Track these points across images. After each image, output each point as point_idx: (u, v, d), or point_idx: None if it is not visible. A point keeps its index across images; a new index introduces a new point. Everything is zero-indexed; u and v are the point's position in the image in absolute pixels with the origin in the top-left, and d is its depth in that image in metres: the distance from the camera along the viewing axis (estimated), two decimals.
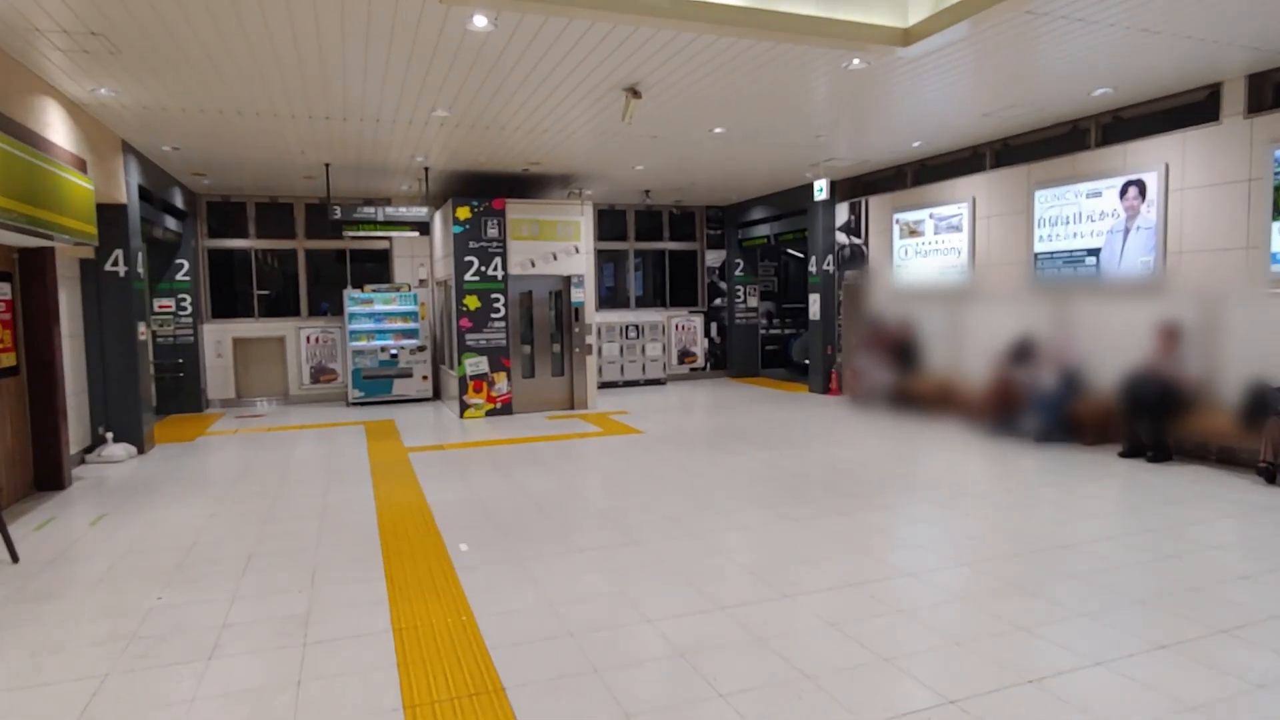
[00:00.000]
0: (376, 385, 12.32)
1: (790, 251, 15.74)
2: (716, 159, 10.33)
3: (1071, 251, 8.40)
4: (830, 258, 12.40)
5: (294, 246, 12.77)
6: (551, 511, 5.86)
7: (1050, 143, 8.88)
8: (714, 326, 15.41)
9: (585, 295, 11.27)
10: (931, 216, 10.32)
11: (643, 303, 15.08)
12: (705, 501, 6.12)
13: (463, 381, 10.70)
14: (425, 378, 12.59)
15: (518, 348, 11.12)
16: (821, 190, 9.00)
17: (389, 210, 10.24)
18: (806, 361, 13.53)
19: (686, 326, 15.19)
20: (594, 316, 11.40)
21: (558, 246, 11.02)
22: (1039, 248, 8.78)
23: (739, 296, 15.28)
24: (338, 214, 10.01)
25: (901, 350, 10.73)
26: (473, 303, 10.66)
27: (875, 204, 11.44)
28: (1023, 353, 8.79)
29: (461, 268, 10.59)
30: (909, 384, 10.52)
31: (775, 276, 15.73)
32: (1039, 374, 8.47)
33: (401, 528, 5.52)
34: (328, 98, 6.99)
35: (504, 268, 10.75)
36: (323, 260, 13.20)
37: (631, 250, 14.79)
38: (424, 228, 10.41)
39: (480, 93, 6.93)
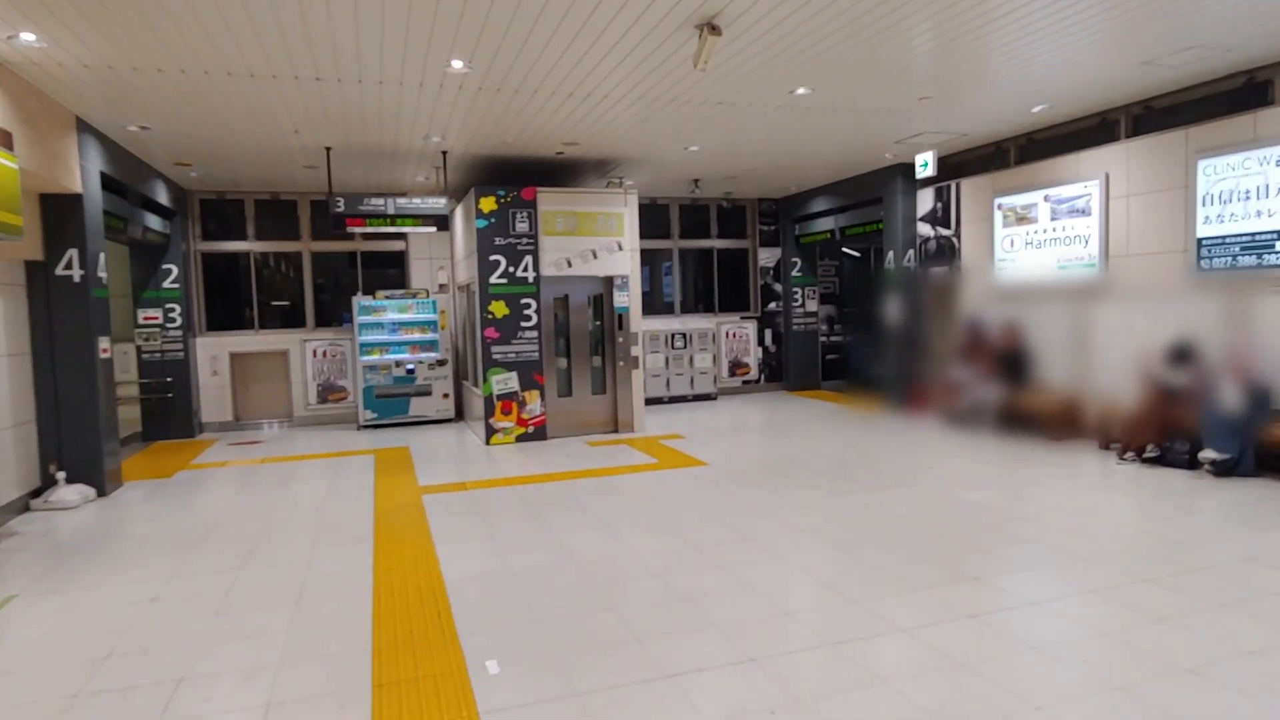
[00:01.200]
0: (391, 405, 10.80)
1: (848, 251, 14.02)
2: (783, 137, 8.69)
3: (1255, 235, 6.63)
4: (911, 253, 10.68)
5: (298, 249, 11.33)
6: (615, 597, 4.22)
7: (1214, 101, 7.12)
8: (768, 334, 13.74)
9: (630, 299, 9.67)
10: (1047, 199, 8.58)
11: (688, 308, 13.45)
12: (824, 578, 4.45)
13: (489, 402, 9.13)
14: (446, 396, 11.06)
15: (552, 361, 9.54)
16: (926, 166, 7.35)
17: (400, 202, 8.73)
18: (876, 374, 11.81)
19: (738, 334, 13.53)
20: (640, 324, 9.80)
21: (598, 243, 9.43)
22: (1204, 231, 7.01)
23: (796, 300, 13.60)
24: (340, 206, 8.52)
25: (1008, 360, 8.98)
26: (499, 309, 9.10)
27: (970, 188, 9.72)
28: (1179, 362, 7.02)
29: (486, 269, 9.04)
30: (1019, 400, 8.77)
31: (836, 277, 14.03)
32: (1213, 390, 6.70)
33: (405, 626, 3.92)
34: (313, 46, 5.46)
35: (535, 268, 9.19)
36: (332, 265, 11.74)
37: (676, 249, 13.18)
38: (442, 222, 8.89)
39: (508, 34, 5.35)
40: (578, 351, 9.67)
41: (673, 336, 12.43)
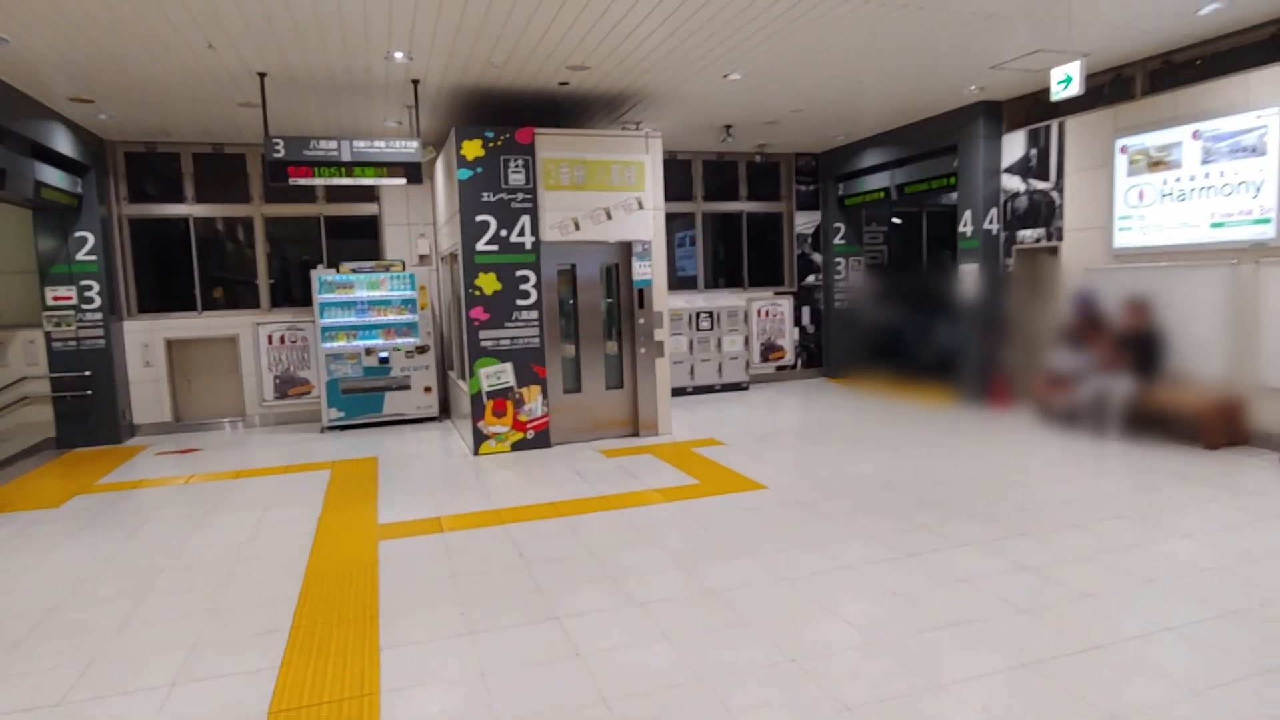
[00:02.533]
0: (360, 402, 8.92)
1: (899, 215, 12.02)
2: (849, 61, 6.70)
3: None
4: (994, 213, 8.72)
5: (249, 213, 9.38)
6: None
7: None
8: (806, 312, 11.80)
9: (653, 270, 7.74)
10: (1197, 136, 6.61)
11: (714, 282, 11.50)
12: None
13: (477, 402, 7.24)
14: (429, 390, 9.17)
15: (556, 349, 7.63)
16: (1068, 82, 5.36)
17: (359, 146, 6.77)
18: (939, 359, 9.94)
19: (772, 313, 11.60)
20: (666, 302, 7.87)
21: (613, 199, 7.48)
22: None
23: (838, 272, 11.65)
24: (280, 151, 6.56)
25: (1135, 345, 7.08)
26: (489, 284, 7.18)
27: (1080, 129, 7.74)
28: None
29: (471, 232, 7.11)
30: (1153, 395, 6.88)
31: (885, 245, 12.07)
32: None
33: None
34: None
35: (534, 231, 7.26)
36: (291, 232, 9.79)
37: (699, 213, 11.21)
38: (414, 172, 6.94)
39: None
40: (588, 336, 7.76)
41: (697, 316, 10.51)
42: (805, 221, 11.68)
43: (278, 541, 4.95)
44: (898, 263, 12.29)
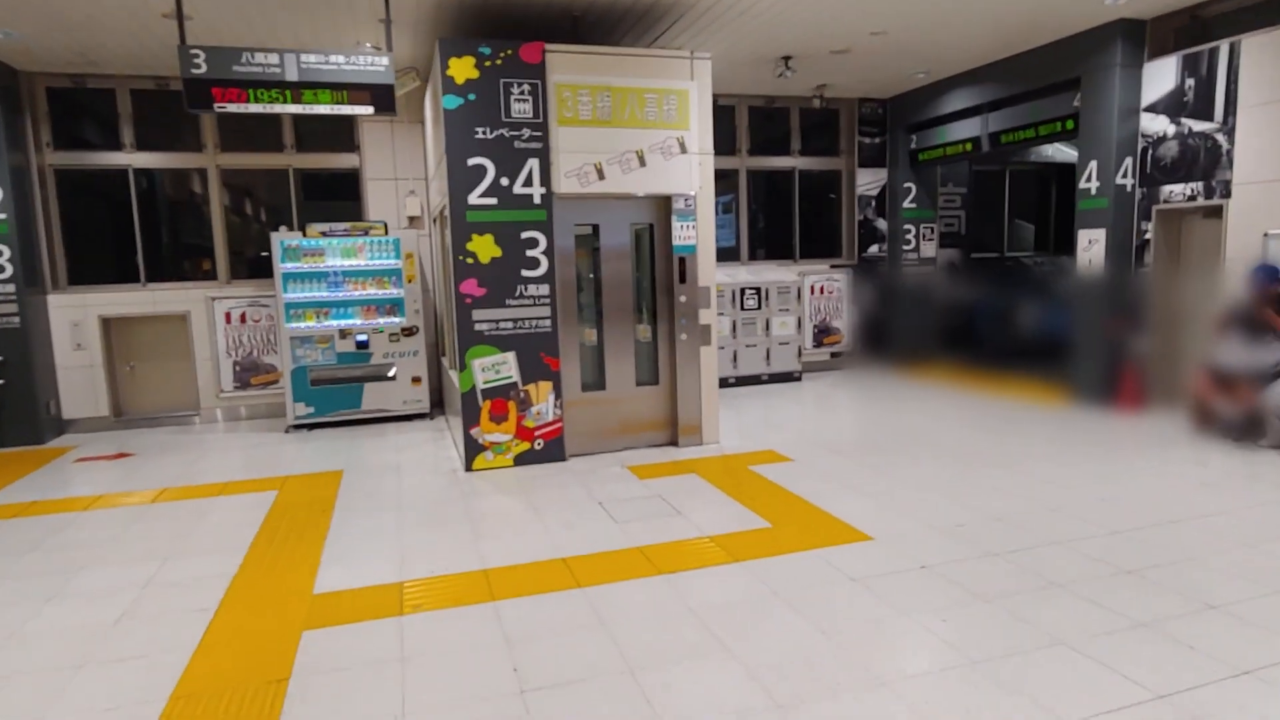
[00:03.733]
0: (334, 396, 7.30)
1: (950, 199, 10.16)
2: None
3: None
4: (1129, 163, 6.88)
5: (202, 164, 7.72)
6: None
7: None
8: (867, 288, 10.01)
9: (699, 234, 6.01)
10: None
11: (760, 253, 9.74)
12: None
13: (470, 401, 5.58)
14: (418, 380, 7.53)
15: (574, 334, 5.94)
16: None
17: (309, 61, 5.05)
18: (1036, 347, 8.19)
19: (828, 289, 9.83)
20: (714, 274, 6.14)
21: (647, 140, 5.74)
22: None
23: (907, 241, 9.83)
24: (200, 66, 4.86)
25: None
26: (485, 249, 5.49)
27: (1261, 50, 5.87)
28: None
29: (462, 180, 5.41)
30: None
31: (963, 210, 10.22)
32: None
33: None
34: None
35: (545, 180, 5.54)
36: (254, 188, 8.14)
37: (743, 170, 9.42)
38: (384, 98, 5.22)
39: None
40: (614, 319, 6.05)
41: (742, 293, 8.77)
42: (869, 181, 9.85)
43: (157, 624, 3.33)
44: (976, 230, 10.44)
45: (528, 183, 5.51)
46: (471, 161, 5.39)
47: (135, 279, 7.63)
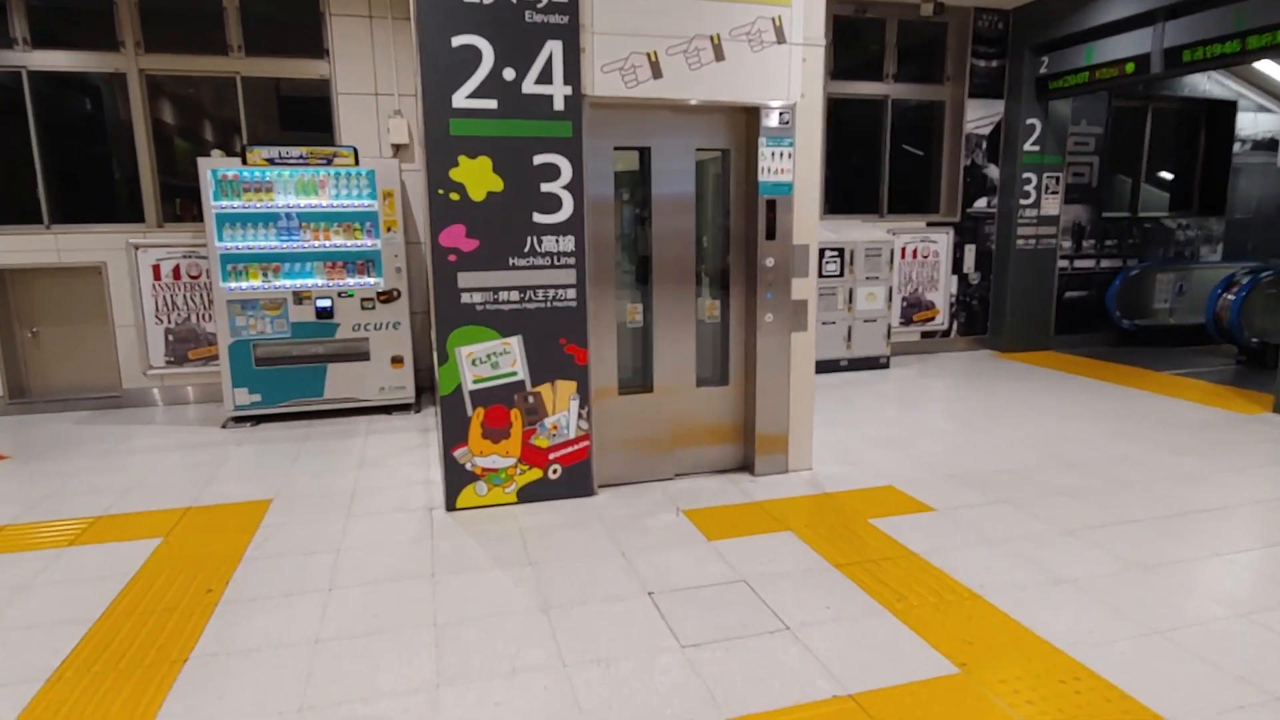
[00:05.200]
0: (287, 380, 5.52)
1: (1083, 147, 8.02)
2: None
3: None
4: None
5: (119, 68, 5.85)
6: None
7: None
8: (971, 253, 8.00)
9: (798, 167, 4.06)
10: None
11: (839, 205, 7.74)
12: None
13: (454, 409, 3.74)
14: (399, 362, 5.71)
15: (608, 312, 4.03)
16: None
17: None
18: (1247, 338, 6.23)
19: (922, 253, 7.84)
20: (816, 229, 4.19)
21: (728, 19, 3.77)
22: None
23: (1026, 194, 7.78)
24: None
25: None
26: (478, 179, 3.59)
27: None
28: None
29: (442, 69, 3.49)
30: None
31: (1096, 155, 8.10)
32: None
33: None
34: None
35: (570, 77, 3.62)
36: (190, 101, 6.28)
37: (823, 97, 7.36)
38: None
39: None
40: (669, 290, 4.11)
41: (821, 255, 6.80)
42: (980, 116, 7.76)
43: None
44: (1108, 182, 8.34)
45: (544, 78, 3.59)
46: (458, 40, 3.47)
47: (36, 219, 5.84)
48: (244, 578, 3.13)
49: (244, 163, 5.25)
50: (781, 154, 3.99)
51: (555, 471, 3.92)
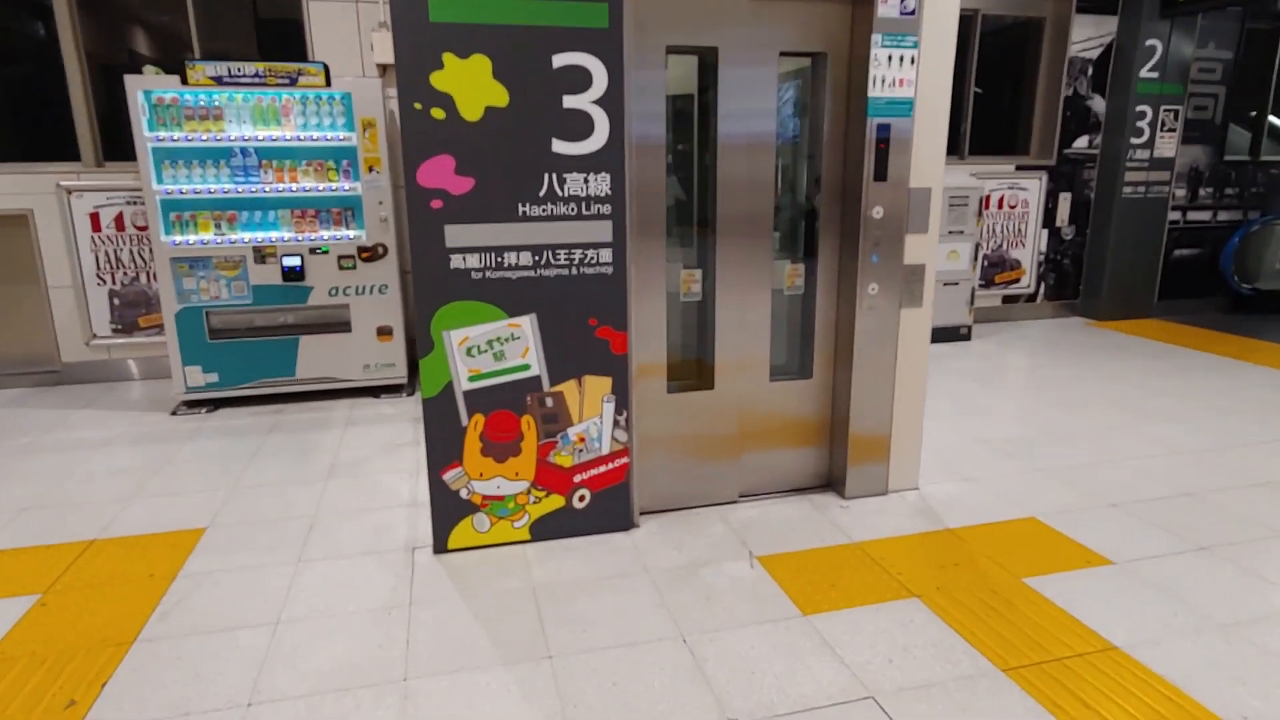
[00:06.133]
0: (250, 356, 4.49)
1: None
2: None
3: None
4: None
5: None
6: None
7: None
8: (1065, 202, 6.78)
9: (923, 79, 2.90)
10: None
11: None
12: None
13: (442, 414, 2.69)
14: (386, 334, 4.67)
15: (656, 279, 2.92)
16: None
17: None
18: None
19: (1009, 203, 6.63)
20: (942, 165, 3.05)
21: None
22: None
23: (1139, 131, 6.52)
24: None
25: None
26: (472, 90, 2.47)
27: None
28: None
29: None
30: None
31: (1222, 85, 6.78)
32: None
33: None
34: None
35: None
36: (136, 19, 5.13)
37: None
38: None
39: None
40: (736, 251, 2.98)
41: None
42: (1088, 37, 6.46)
43: None
44: (1232, 120, 7.02)
45: None
46: None
47: None
48: (127, 679, 2.13)
49: (184, 82, 4.13)
50: (902, 58, 2.83)
51: (582, 498, 2.88)
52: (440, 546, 2.80)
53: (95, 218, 4.90)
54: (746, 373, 3.10)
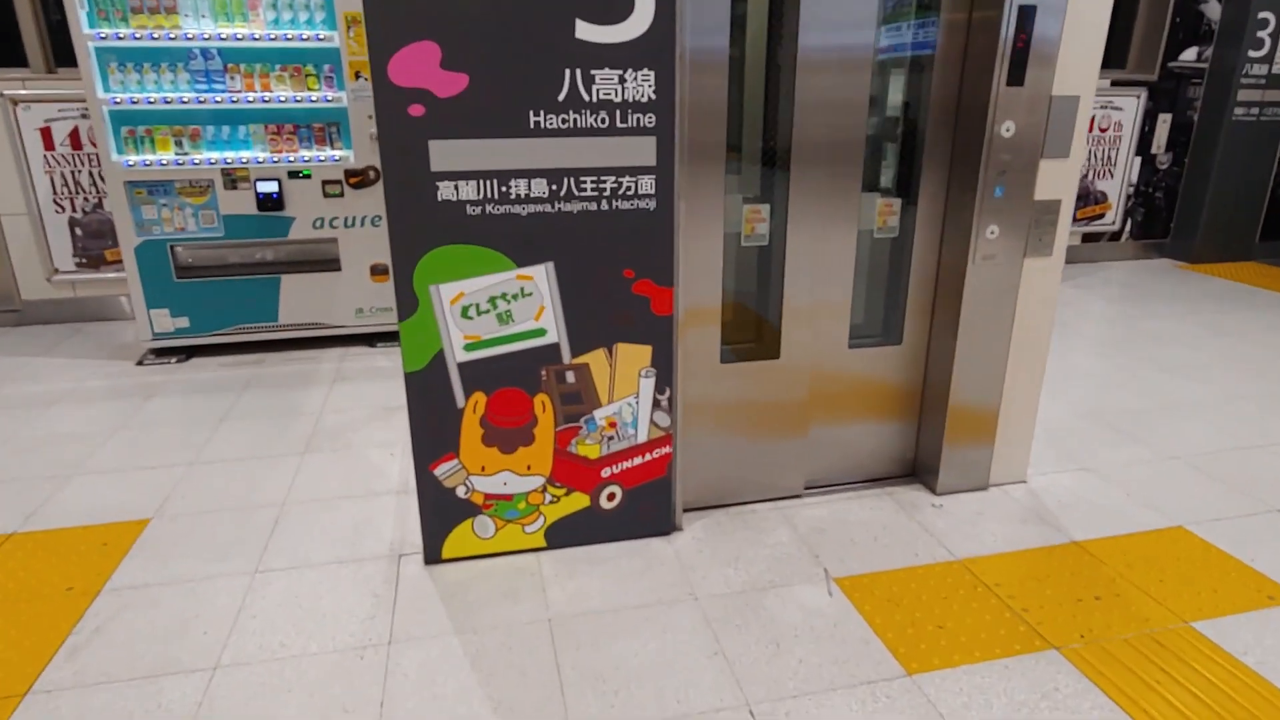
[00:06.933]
0: (224, 298, 3.88)
1: None
2: None
3: None
4: None
5: None
6: None
7: None
8: (1164, 127, 5.89)
9: None
10: None
11: None
12: None
13: (430, 392, 2.06)
14: (381, 274, 4.03)
15: (713, 217, 2.23)
16: None
17: None
18: None
19: (1102, 125, 5.76)
20: (1094, 75, 2.30)
21: None
22: None
23: (1258, 44, 5.57)
24: None
25: None
26: None
27: None
28: None
29: None
30: None
31: None
32: None
33: None
34: None
35: None
36: None
37: None
38: None
39: None
40: (813, 178, 2.28)
41: None
42: None
43: None
44: None
45: None
46: None
47: None
48: None
49: None
50: None
51: (611, 496, 2.27)
52: (433, 555, 2.21)
53: (47, 133, 4.24)
54: (821, 336, 2.44)
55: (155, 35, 3.47)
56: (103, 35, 3.44)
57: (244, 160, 3.69)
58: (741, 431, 2.45)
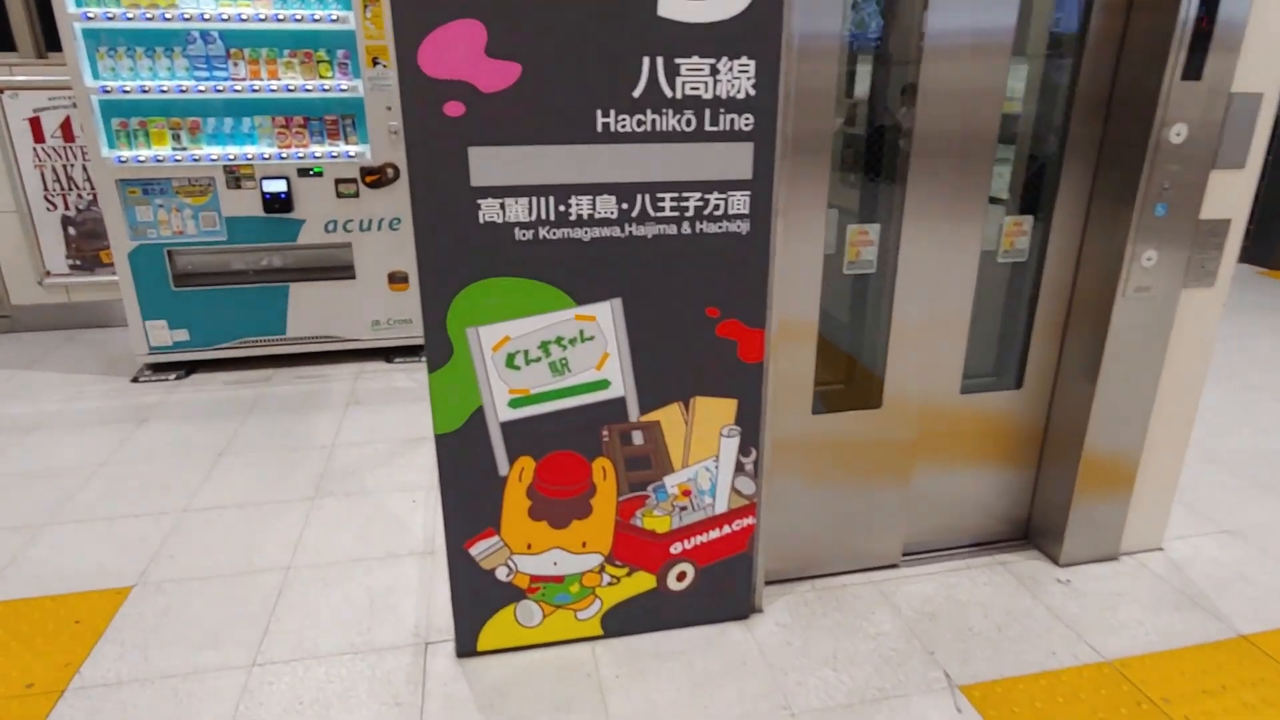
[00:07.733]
0: (227, 309, 3.50)
1: None
2: None
3: None
4: None
5: None
6: None
7: None
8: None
9: None
10: None
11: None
12: None
13: (467, 458, 1.67)
14: (400, 282, 3.63)
15: (814, 236, 1.81)
16: None
17: None
18: None
19: None
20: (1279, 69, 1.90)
21: None
22: None
23: None
24: None
25: None
26: None
27: None
28: None
29: None
30: None
31: None
32: None
33: None
34: None
35: None
36: None
37: None
38: None
39: None
40: (933, 196, 1.86)
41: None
42: None
43: None
44: None
45: None
46: None
47: None
48: None
49: None
50: None
51: (683, 576, 1.88)
52: (467, 647, 1.83)
53: (36, 124, 3.87)
54: (928, 381, 2.03)
55: (149, 15, 3.08)
56: (90, 15, 3.05)
57: (249, 156, 3.30)
58: (832, 490, 2.05)
